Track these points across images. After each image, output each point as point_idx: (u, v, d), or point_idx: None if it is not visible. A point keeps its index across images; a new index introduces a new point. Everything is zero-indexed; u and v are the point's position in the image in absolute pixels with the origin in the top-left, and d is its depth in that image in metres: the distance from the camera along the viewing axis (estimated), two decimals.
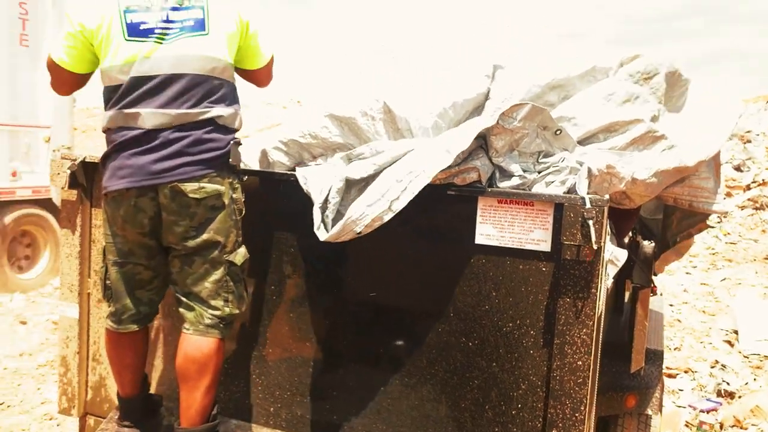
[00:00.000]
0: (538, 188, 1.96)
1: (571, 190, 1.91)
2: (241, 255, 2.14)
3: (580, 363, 1.90)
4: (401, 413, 2.15)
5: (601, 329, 2.10)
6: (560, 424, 1.93)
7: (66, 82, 2.20)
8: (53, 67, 2.14)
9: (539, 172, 1.95)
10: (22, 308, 6.22)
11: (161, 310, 2.34)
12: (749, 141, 13.54)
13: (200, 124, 2.04)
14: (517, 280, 1.97)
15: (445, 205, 2.05)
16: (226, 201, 2.08)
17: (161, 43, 2.01)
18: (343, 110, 2.23)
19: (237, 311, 2.14)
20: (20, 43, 4.51)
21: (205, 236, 2.06)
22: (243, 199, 2.14)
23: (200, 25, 2.04)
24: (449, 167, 1.98)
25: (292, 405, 2.30)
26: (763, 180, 11.94)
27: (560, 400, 1.93)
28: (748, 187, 11.81)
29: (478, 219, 2.00)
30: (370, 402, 2.19)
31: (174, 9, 2.02)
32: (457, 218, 2.03)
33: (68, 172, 2.44)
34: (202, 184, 2.03)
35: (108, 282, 2.21)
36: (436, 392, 2.10)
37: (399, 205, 1.88)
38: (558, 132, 1.96)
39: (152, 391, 2.46)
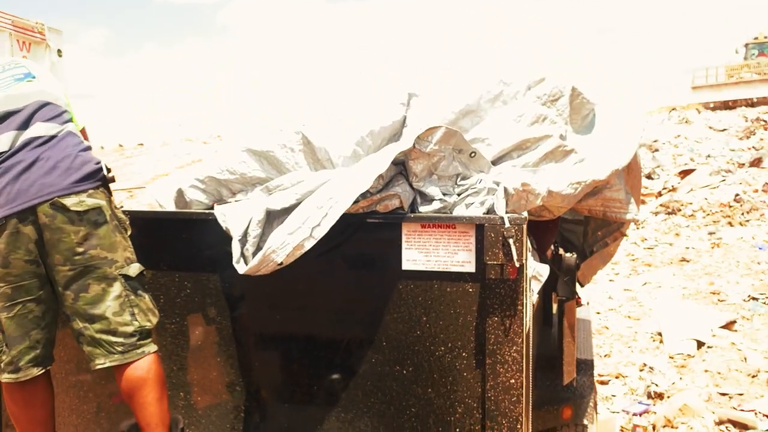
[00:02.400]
0: (459, 211, 1.98)
1: (491, 211, 1.94)
2: (135, 268, 2.08)
3: (513, 381, 1.91)
4: None
5: (531, 345, 2.13)
6: None
7: None
8: None
9: (459, 195, 1.98)
10: None
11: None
12: (657, 150, 14.32)
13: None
14: (446, 303, 1.98)
15: (370, 234, 2.03)
16: (107, 217, 2.05)
17: None
18: (261, 144, 2.19)
19: (148, 324, 2.08)
20: None
21: (92, 252, 2.01)
22: (126, 218, 2.14)
23: (29, 75, 2.21)
24: (371, 194, 1.97)
25: None
26: (672, 186, 12.63)
27: (496, 420, 1.93)
28: (660, 194, 12.45)
29: (404, 245, 2.00)
30: None
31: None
32: (383, 246, 2.02)
33: None
34: (80, 198, 2.02)
35: None
36: (373, 424, 2.07)
37: (320, 232, 1.86)
38: (473, 154, 1.99)
39: None
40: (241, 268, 1.93)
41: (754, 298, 6.69)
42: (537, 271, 2.07)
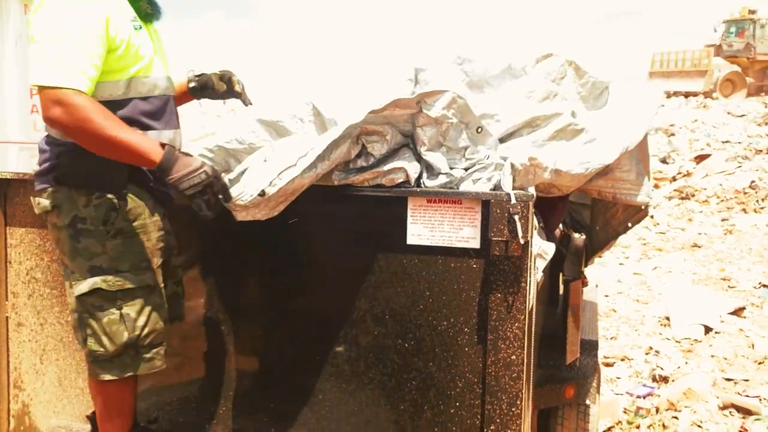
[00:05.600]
0: (466, 186, 1.97)
1: (497, 187, 1.93)
2: (87, 285, 1.86)
3: (513, 357, 1.92)
4: (340, 420, 2.12)
5: (534, 323, 2.13)
6: (498, 420, 1.94)
7: None
8: None
9: (466, 169, 1.96)
10: None
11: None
12: (673, 134, 14.16)
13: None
14: (450, 279, 1.98)
15: (375, 207, 2.03)
16: (66, 221, 1.87)
17: None
18: (272, 114, 2.19)
19: (101, 350, 1.89)
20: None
21: (60, 257, 1.96)
22: (114, 219, 1.88)
23: None
24: (374, 168, 1.96)
25: (228, 420, 2.23)
26: (687, 171, 12.49)
27: (496, 395, 1.94)
28: (674, 179, 12.33)
29: (409, 219, 2.00)
30: (308, 411, 2.15)
31: None
32: (388, 219, 2.02)
33: None
34: (39, 199, 1.92)
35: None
36: (374, 396, 2.08)
37: (305, 162, 1.85)
38: (479, 130, 1.97)
39: None
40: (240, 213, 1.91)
41: (765, 285, 6.64)
42: (542, 249, 2.06)
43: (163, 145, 1.82)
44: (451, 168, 1.97)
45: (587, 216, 3.08)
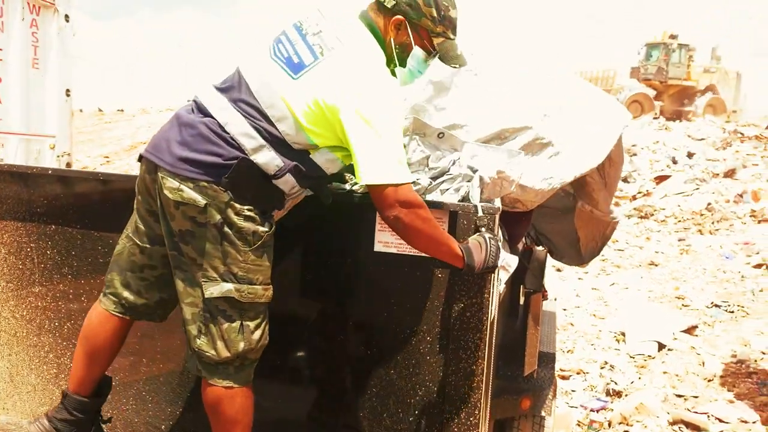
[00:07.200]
0: (434, 197, 1.99)
1: (465, 198, 1.95)
2: (220, 290, 1.80)
3: (474, 368, 1.94)
4: (300, 425, 2.11)
5: (495, 334, 2.15)
6: (455, 429, 1.96)
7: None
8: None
9: (433, 179, 1.99)
10: None
11: None
12: (635, 154, 14.48)
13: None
14: (415, 287, 1.99)
15: (344, 214, 2.04)
16: (212, 220, 1.79)
17: None
18: None
19: (212, 352, 1.83)
20: (32, 66, 5.41)
21: (183, 247, 1.83)
22: (262, 231, 1.82)
23: None
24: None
25: (185, 423, 2.21)
26: (647, 191, 12.79)
27: (455, 404, 1.96)
28: (635, 198, 12.61)
29: (377, 227, 2.01)
30: (266, 415, 2.13)
31: None
32: (356, 226, 2.03)
33: None
34: (183, 186, 1.79)
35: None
36: (335, 402, 2.08)
37: None
38: (441, 135, 2.00)
39: None
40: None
41: (716, 305, 6.83)
42: (506, 262, 2.09)
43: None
44: (417, 179, 1.99)
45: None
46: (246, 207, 1.80)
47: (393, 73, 1.89)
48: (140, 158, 1.92)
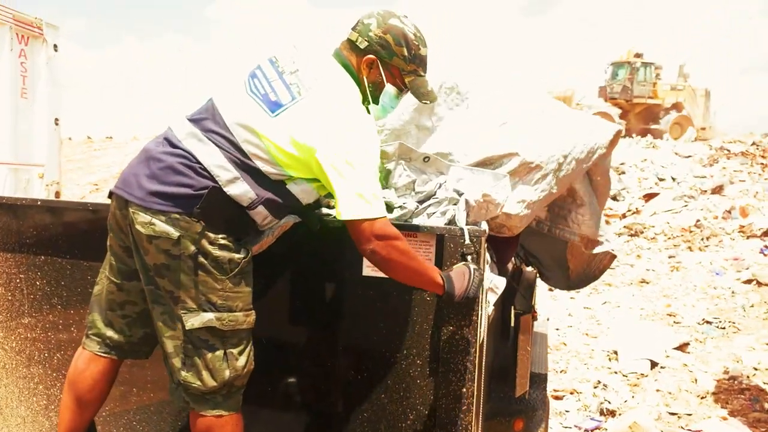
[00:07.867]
0: (420, 221, 2.02)
1: (452, 221, 1.98)
2: (200, 320, 1.80)
3: (464, 390, 1.95)
4: None
5: (485, 356, 2.16)
6: None
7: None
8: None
9: (420, 202, 2.01)
10: None
11: None
12: (623, 172, 14.60)
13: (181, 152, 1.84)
14: (403, 311, 2.00)
15: (332, 239, 2.05)
16: (186, 252, 1.79)
17: None
18: None
19: (197, 383, 1.83)
20: (21, 96, 5.48)
21: (159, 281, 1.83)
22: (238, 258, 1.84)
23: None
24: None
25: None
26: (636, 209, 12.88)
27: (446, 428, 1.96)
28: (624, 216, 12.69)
29: None
30: None
31: None
32: (344, 251, 2.04)
33: None
34: (155, 220, 1.79)
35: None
36: (326, 427, 2.08)
37: None
38: (426, 159, 2.03)
39: None
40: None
41: (708, 322, 6.86)
42: (494, 284, 2.11)
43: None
44: (403, 203, 2.01)
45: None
46: (220, 236, 1.81)
47: (367, 110, 1.92)
48: (110, 195, 1.93)
